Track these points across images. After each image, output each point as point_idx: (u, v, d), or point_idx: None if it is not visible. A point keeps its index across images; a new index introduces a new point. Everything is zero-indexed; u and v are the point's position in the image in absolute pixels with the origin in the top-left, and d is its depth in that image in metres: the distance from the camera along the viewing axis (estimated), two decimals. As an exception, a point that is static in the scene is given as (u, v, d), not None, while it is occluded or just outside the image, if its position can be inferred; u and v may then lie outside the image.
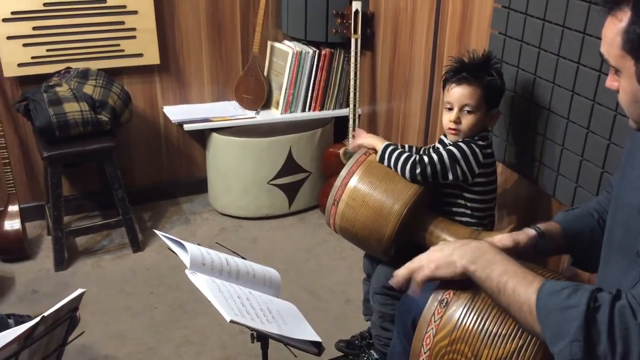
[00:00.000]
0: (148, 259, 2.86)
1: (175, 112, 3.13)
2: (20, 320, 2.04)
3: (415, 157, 1.81)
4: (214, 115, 3.11)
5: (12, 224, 2.75)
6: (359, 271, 2.71)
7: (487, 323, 1.11)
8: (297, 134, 3.10)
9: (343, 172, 1.93)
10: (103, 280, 2.69)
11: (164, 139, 3.25)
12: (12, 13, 2.66)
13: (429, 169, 1.79)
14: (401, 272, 1.25)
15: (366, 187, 1.88)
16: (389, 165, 1.86)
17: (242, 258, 1.68)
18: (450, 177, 1.81)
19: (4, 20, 2.67)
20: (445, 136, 1.94)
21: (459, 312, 1.15)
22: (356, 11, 2.86)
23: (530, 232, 1.39)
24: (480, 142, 1.82)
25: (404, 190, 1.83)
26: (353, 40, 2.90)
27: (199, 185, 3.36)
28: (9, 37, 2.70)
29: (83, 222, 3.12)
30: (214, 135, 3.05)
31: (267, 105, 3.23)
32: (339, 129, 3.27)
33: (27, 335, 1.14)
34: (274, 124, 3.15)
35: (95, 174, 3.14)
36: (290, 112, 3.19)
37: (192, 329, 2.40)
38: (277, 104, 3.19)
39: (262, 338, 1.61)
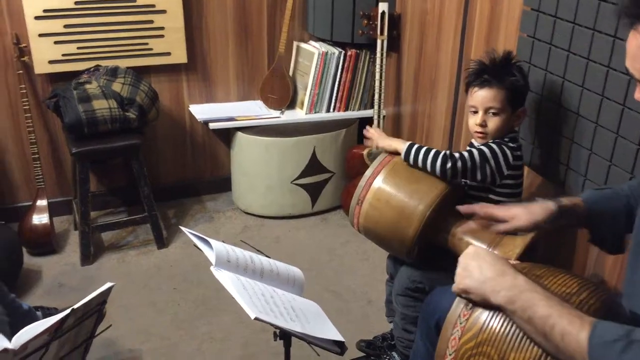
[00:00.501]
0: (172, 256, 2.89)
1: (201, 111, 3.16)
2: (47, 312, 2.09)
3: (446, 152, 1.81)
4: (239, 114, 3.14)
5: (41, 219, 2.80)
6: (381, 272, 2.71)
7: (514, 326, 1.10)
8: (321, 134, 3.11)
9: (368, 173, 1.94)
10: (128, 276, 2.72)
11: (189, 138, 3.28)
12: (44, 11, 2.72)
13: (459, 163, 1.78)
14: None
15: (390, 188, 1.88)
16: (415, 162, 1.84)
17: (266, 256, 1.70)
18: (479, 176, 1.80)
19: (36, 17, 2.72)
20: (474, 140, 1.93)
21: (486, 314, 1.14)
22: (383, 12, 2.86)
23: (549, 206, 1.39)
24: (511, 144, 1.81)
25: (428, 191, 1.83)
26: (379, 42, 2.90)
27: (223, 184, 3.39)
28: (40, 35, 2.75)
29: (109, 217, 3.16)
30: (239, 134, 3.08)
31: (291, 105, 3.25)
32: (363, 129, 3.26)
33: (57, 327, 1.16)
34: (298, 124, 3.16)
35: (122, 171, 3.19)
36: (315, 113, 3.20)
37: (214, 326, 2.42)
38: (302, 104, 3.20)
39: (284, 336, 1.62)
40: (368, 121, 3.13)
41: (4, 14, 2.72)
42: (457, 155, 1.79)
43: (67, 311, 1.17)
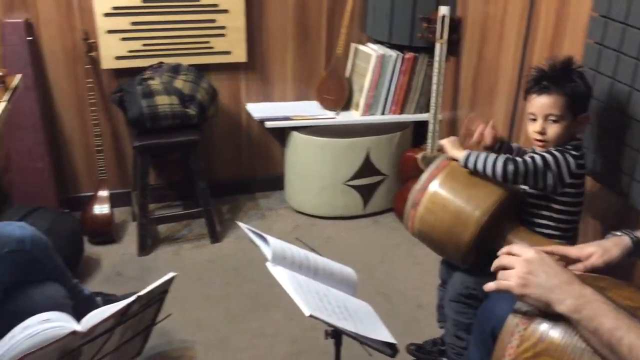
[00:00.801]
0: (225, 251, 2.95)
1: (257, 109, 3.21)
2: (107, 298, 2.16)
3: (508, 156, 1.79)
4: (295, 114, 3.17)
5: (102, 209, 2.90)
6: (432, 277, 2.69)
7: (574, 338, 1.08)
8: (375, 137, 3.11)
9: (424, 176, 1.93)
10: (182, 268, 2.79)
11: (245, 135, 3.34)
12: (113, 8, 2.81)
13: (521, 167, 1.75)
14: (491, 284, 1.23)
15: (447, 192, 1.87)
16: (475, 168, 1.82)
17: (320, 255, 1.71)
18: (540, 183, 1.77)
19: (105, 14, 2.82)
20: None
21: (546, 323, 1.12)
22: (443, 16, 2.84)
23: (625, 242, 1.35)
24: (574, 152, 1.77)
25: (485, 197, 1.81)
26: (438, 45, 2.88)
27: (276, 182, 3.43)
28: (108, 31, 2.85)
29: (165, 210, 3.25)
30: (294, 133, 3.11)
31: (347, 106, 3.26)
32: (418, 133, 3.26)
33: (123, 312, 1.21)
34: (353, 125, 3.17)
35: (180, 166, 3.27)
36: (370, 115, 3.20)
37: (265, 322, 2.46)
38: (358, 105, 3.21)
39: (336, 335, 1.63)
40: (423, 125, 3.12)
41: (75, 11, 2.83)
42: (519, 159, 1.77)
43: (133, 298, 1.22)
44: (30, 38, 2.76)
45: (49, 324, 1.10)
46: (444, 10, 2.83)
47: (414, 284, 2.72)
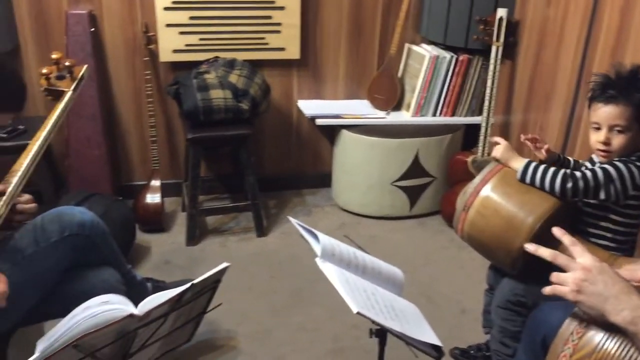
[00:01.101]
0: (270, 245, 2.98)
1: (308, 107, 3.23)
2: (157, 285, 2.21)
3: (566, 171, 1.75)
4: (346, 112, 3.18)
5: (154, 198, 2.98)
6: (477, 282, 2.66)
7: (631, 350, 1.06)
8: (425, 138, 3.09)
9: (477, 179, 1.91)
10: (228, 260, 2.77)
11: (295, 132, 3.37)
12: (173, 2, 2.88)
13: (580, 183, 1.72)
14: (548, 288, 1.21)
15: (500, 197, 1.85)
16: (532, 182, 1.79)
17: (368, 254, 1.72)
18: (602, 196, 1.72)
19: (165, 8, 2.88)
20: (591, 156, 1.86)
21: (601, 334, 1.10)
22: (500, 18, 2.80)
23: None
24: (638, 163, 1.72)
25: (539, 203, 1.78)
26: (494, 48, 2.85)
27: (323, 180, 3.45)
28: (167, 25, 2.92)
29: (214, 203, 3.31)
30: (344, 132, 3.12)
31: (398, 106, 3.25)
32: (469, 136, 3.23)
33: (178, 299, 1.24)
34: (403, 125, 3.16)
35: (230, 159, 3.32)
36: (421, 116, 3.18)
37: (307, 317, 2.48)
38: (409, 106, 3.20)
39: (381, 334, 1.63)
40: (475, 128, 3.09)
41: (136, 4, 2.91)
42: (578, 174, 1.73)
43: (187, 285, 1.25)
44: (93, 29, 2.86)
45: (108, 306, 1.15)
46: (501, 12, 2.79)
47: (458, 288, 2.69)
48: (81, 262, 1.69)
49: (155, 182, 3.01)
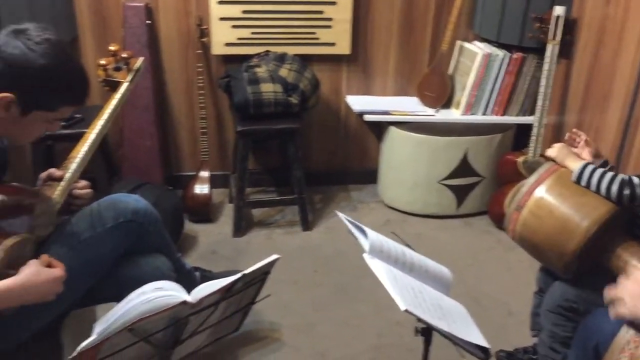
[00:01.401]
0: (315, 239, 2.99)
1: (357, 102, 3.22)
2: (204, 274, 2.25)
3: (624, 176, 1.70)
4: (394, 108, 3.16)
5: (202, 189, 3.03)
6: (525, 285, 2.61)
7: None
8: (475, 137, 3.04)
9: (532, 179, 1.87)
10: (273, 252, 2.79)
11: (342, 127, 3.37)
12: (227, -4, 2.92)
13: (638, 190, 1.67)
14: (606, 299, 1.18)
15: (554, 198, 1.81)
16: (587, 185, 1.75)
17: (416, 252, 1.71)
18: None
19: (219, 2, 2.92)
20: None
21: (661, 344, 1.07)
22: (558, 16, 2.73)
23: None
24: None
25: (596, 206, 1.73)
26: (550, 47, 2.78)
27: (369, 176, 3.44)
28: (221, 18, 2.96)
29: (260, 195, 3.34)
30: (392, 128, 3.10)
31: (447, 104, 3.21)
32: (520, 136, 3.16)
33: (229, 288, 1.26)
34: (452, 124, 3.12)
35: (277, 152, 3.35)
36: (471, 114, 3.14)
37: (351, 312, 2.48)
38: (458, 104, 3.16)
39: (426, 333, 1.62)
40: (526, 128, 3.02)
41: (191, -3, 2.96)
42: (636, 180, 1.67)
43: (238, 275, 1.27)
44: (149, 22, 2.92)
45: (162, 292, 1.17)
46: (559, 10, 2.73)
47: (505, 290, 2.65)
48: (134, 249, 1.73)
49: (204, 173, 3.05)
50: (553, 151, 1.89)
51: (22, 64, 1.35)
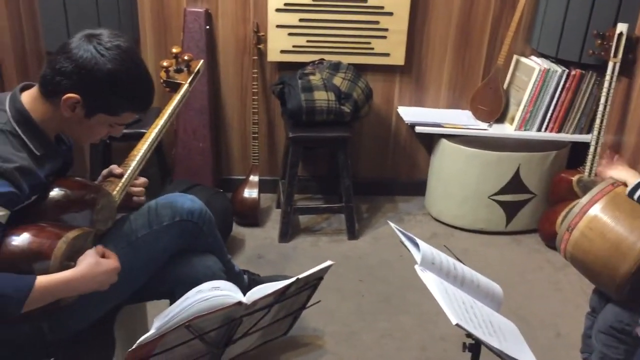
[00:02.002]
0: (361, 249, 2.99)
1: (408, 113, 3.21)
2: (252, 277, 2.27)
3: None
4: (446, 121, 3.14)
5: (251, 193, 3.06)
6: (574, 306, 2.56)
7: None
8: (528, 153, 2.99)
9: (585, 199, 1.84)
10: (319, 259, 2.81)
11: (392, 138, 3.36)
12: (285, 4, 2.95)
13: None
14: None
15: (608, 219, 1.77)
16: None
17: (467, 266, 1.69)
18: None
19: (277, 10, 2.96)
20: None
21: None
22: (620, 33, 2.67)
23: None
24: None
25: (652, 229, 1.69)
26: (610, 64, 2.72)
27: (418, 188, 3.42)
28: (277, 26, 3.00)
29: (307, 202, 3.36)
30: (443, 141, 3.08)
31: (501, 119, 3.17)
32: (576, 154, 3.10)
33: (283, 292, 1.27)
34: (505, 139, 3.08)
35: (326, 160, 3.36)
36: (525, 130, 3.09)
37: (394, 324, 2.47)
38: (512, 119, 3.11)
39: (474, 349, 1.60)
40: (581, 146, 2.96)
41: (250, 4, 3.01)
42: None
43: (293, 279, 1.28)
44: (208, 27, 2.98)
45: (218, 292, 1.19)
46: (622, 27, 2.66)
47: (553, 310, 2.59)
48: (188, 248, 1.77)
49: (254, 178, 3.09)
50: (610, 170, 1.86)
51: (91, 67, 1.39)
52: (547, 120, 3.06)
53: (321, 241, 3.04)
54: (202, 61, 2.08)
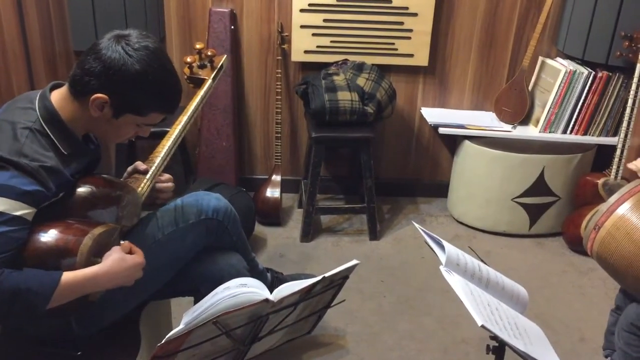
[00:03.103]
0: (382, 249, 2.98)
1: (432, 115, 3.20)
2: (275, 275, 2.29)
3: None
4: (470, 123, 3.12)
5: (273, 192, 3.08)
6: (599, 311, 2.53)
7: None
8: (553, 156, 2.96)
9: (613, 198, 1.81)
10: (340, 259, 2.87)
11: (415, 139, 3.35)
12: (309, 5, 2.96)
13: None
14: None
15: (635, 219, 1.74)
16: None
17: (492, 268, 1.68)
18: None
19: (301, 10, 2.97)
20: None
21: None
22: (649, 35, 2.64)
23: None
24: None
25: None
26: (638, 66, 2.68)
27: (440, 189, 3.41)
28: (302, 26, 3.01)
29: (329, 202, 3.36)
30: (467, 142, 3.06)
31: (525, 121, 3.15)
32: (601, 157, 3.06)
33: (309, 290, 1.28)
34: (529, 141, 3.05)
35: (348, 160, 3.36)
36: (550, 132, 3.06)
37: (415, 325, 2.46)
38: (537, 121, 3.09)
39: (498, 352, 1.59)
40: (607, 149, 2.92)
41: (274, 4, 3.02)
42: None
43: (319, 278, 1.28)
44: (233, 27, 3.00)
45: (246, 289, 1.20)
46: (651, 29, 2.63)
47: (577, 315, 2.56)
48: (213, 246, 1.78)
49: (276, 177, 3.10)
50: (636, 164, 1.84)
51: (119, 67, 1.40)
52: (572, 123, 3.03)
53: (342, 241, 3.04)
54: (225, 56, 2.08)
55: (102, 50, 1.41)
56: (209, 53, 2.05)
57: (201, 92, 1.96)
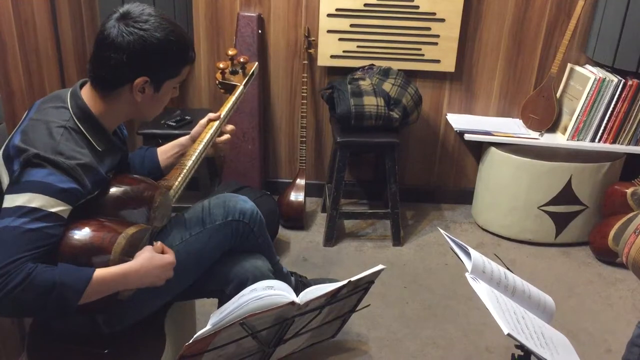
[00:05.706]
0: (405, 255, 2.97)
1: (457, 121, 3.19)
2: (299, 279, 2.29)
3: None
4: (496, 129, 3.09)
5: (297, 196, 3.08)
6: (625, 322, 2.49)
7: None
8: (580, 164, 2.93)
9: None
10: (363, 265, 2.86)
11: (440, 145, 3.34)
12: (337, 10, 2.97)
13: None
14: None
15: None
16: None
17: (518, 276, 1.66)
18: None
19: (328, 15, 2.98)
20: None
21: None
22: (682, 43, 2.59)
23: None
24: None
25: None
26: (670, 74, 2.64)
27: (464, 196, 3.38)
28: (328, 31, 3.01)
29: (352, 207, 3.36)
30: (493, 149, 3.04)
31: (553, 128, 3.11)
32: (631, 166, 3.01)
33: (334, 294, 1.28)
34: (557, 148, 3.02)
35: (371, 165, 3.36)
36: (578, 140, 3.02)
37: (439, 332, 2.44)
38: (565, 129, 3.05)
39: (524, 360, 1.58)
40: (637, 158, 2.88)
41: (302, 9, 3.04)
42: None
43: (344, 282, 1.28)
44: (260, 31, 3.02)
45: (272, 291, 1.21)
46: (684, 37, 2.59)
47: (604, 326, 2.52)
48: (238, 247, 1.79)
49: (301, 181, 3.11)
50: None
51: (142, 47, 1.41)
52: (601, 131, 2.99)
53: (365, 246, 3.03)
54: (256, 63, 2.10)
55: (117, 40, 1.42)
56: (242, 60, 2.06)
57: (232, 98, 1.97)
